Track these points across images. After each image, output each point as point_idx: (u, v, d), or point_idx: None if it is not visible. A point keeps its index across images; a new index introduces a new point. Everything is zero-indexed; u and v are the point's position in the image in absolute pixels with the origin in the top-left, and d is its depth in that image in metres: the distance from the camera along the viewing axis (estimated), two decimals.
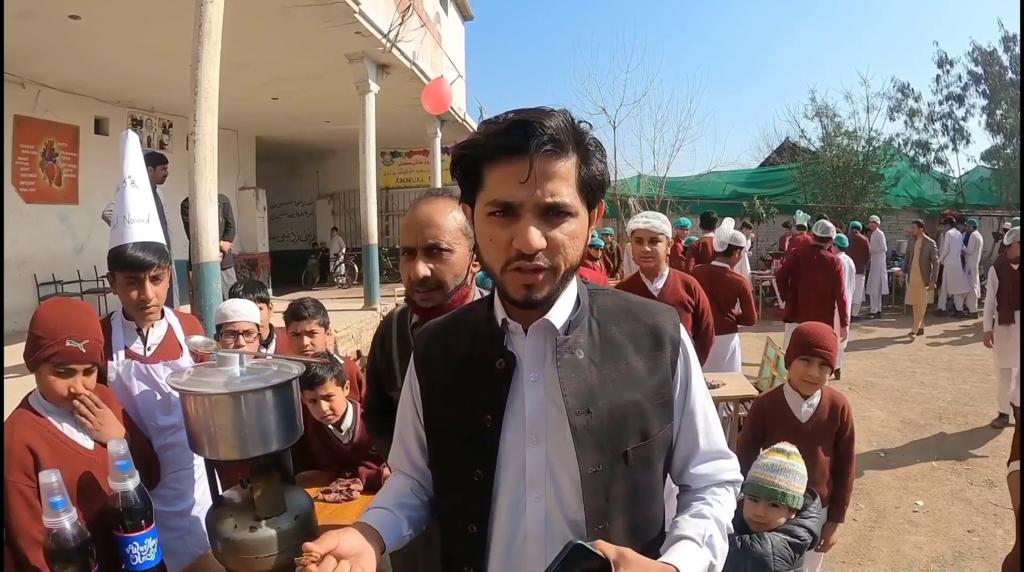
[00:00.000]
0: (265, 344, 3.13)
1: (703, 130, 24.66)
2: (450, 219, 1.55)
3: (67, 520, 1.42)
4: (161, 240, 2.14)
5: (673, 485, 1.21)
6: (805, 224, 11.40)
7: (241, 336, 2.77)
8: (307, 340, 2.95)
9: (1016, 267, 5.64)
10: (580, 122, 1.00)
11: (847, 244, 8.24)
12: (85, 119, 9.84)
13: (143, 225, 2.06)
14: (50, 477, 1.40)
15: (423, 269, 1.52)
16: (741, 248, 5.33)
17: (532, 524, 1.06)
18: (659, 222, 3.47)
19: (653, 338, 1.11)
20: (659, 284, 3.56)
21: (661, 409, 1.10)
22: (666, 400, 1.11)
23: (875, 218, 13.00)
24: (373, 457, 2.42)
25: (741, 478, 1.20)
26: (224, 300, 3.40)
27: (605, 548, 0.91)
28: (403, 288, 1.66)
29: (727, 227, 5.46)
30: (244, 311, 2.82)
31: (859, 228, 11.84)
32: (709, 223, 8.76)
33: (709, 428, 1.16)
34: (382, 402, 1.75)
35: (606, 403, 1.04)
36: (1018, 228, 5.85)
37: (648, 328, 1.12)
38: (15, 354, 1.75)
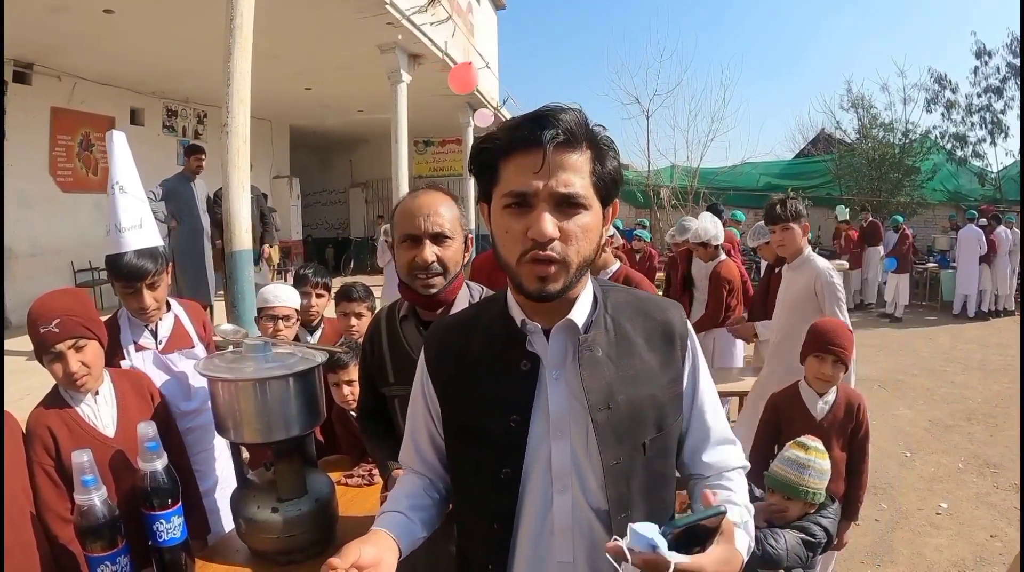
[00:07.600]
0: (312, 330, 3.12)
1: (737, 120, 24.37)
2: (448, 210, 1.59)
3: (97, 498, 1.50)
4: (157, 243, 2.08)
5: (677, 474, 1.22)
6: (847, 218, 11.13)
7: (281, 321, 2.81)
8: (353, 321, 3.01)
9: (778, 270, 4.71)
10: (595, 124, 1.02)
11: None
12: (121, 110, 10.10)
13: (136, 231, 2.01)
14: (82, 457, 1.48)
15: (431, 254, 1.54)
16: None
17: (559, 516, 1.08)
18: None
19: (664, 334, 1.14)
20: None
21: (674, 401, 1.13)
22: (678, 393, 1.14)
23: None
24: None
25: (748, 464, 1.22)
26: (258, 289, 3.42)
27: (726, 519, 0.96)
28: None
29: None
30: (285, 296, 2.85)
31: (901, 223, 11.30)
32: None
33: (717, 417, 1.19)
34: (375, 401, 1.78)
35: (624, 398, 1.07)
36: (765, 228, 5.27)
37: (659, 325, 1.15)
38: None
